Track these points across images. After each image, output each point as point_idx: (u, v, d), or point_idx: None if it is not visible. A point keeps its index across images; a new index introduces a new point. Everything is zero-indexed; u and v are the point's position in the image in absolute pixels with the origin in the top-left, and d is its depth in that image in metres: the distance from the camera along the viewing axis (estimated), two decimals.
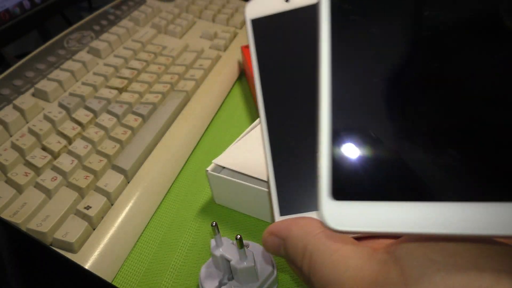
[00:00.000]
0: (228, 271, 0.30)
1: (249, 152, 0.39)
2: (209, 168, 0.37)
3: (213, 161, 0.38)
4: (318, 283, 0.19)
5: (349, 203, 0.16)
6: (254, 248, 0.31)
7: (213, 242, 0.30)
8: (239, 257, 0.29)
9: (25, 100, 0.44)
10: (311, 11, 0.23)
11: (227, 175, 0.37)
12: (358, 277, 0.17)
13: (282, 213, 0.22)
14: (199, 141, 0.48)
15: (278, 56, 0.24)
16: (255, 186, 0.35)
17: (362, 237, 0.20)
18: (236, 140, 0.40)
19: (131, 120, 0.45)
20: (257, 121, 0.43)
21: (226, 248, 0.30)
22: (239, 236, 0.27)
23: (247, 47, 0.57)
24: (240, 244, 0.28)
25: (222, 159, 0.38)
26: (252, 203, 0.37)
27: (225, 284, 0.30)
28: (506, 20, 0.16)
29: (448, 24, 0.17)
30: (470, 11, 0.17)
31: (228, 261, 0.29)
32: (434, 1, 0.17)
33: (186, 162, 0.45)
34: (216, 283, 0.30)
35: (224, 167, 0.38)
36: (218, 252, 0.30)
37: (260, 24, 0.24)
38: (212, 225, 0.29)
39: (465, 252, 0.16)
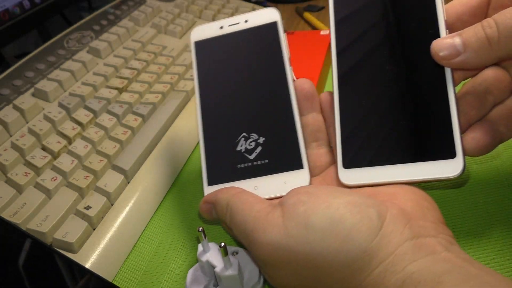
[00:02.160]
0: (214, 277, 0.30)
1: None
2: None
3: None
4: (235, 228, 0.28)
5: (353, 169, 0.29)
6: (243, 256, 0.31)
7: (200, 247, 0.30)
8: (224, 264, 0.28)
9: (25, 100, 0.44)
10: (239, 36, 0.33)
11: None
12: (256, 216, 0.26)
13: (210, 183, 0.31)
14: (199, 141, 0.48)
15: (215, 68, 0.33)
16: None
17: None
18: None
19: (131, 120, 0.45)
20: None
21: (213, 254, 0.29)
22: (223, 244, 0.27)
23: None
24: (225, 252, 0.28)
25: None
26: None
27: None
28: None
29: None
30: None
31: (214, 267, 0.29)
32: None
33: (186, 162, 0.45)
34: None
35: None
36: (205, 257, 0.29)
37: (201, 45, 0.34)
38: (198, 230, 0.29)
39: (322, 195, 0.25)
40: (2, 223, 0.32)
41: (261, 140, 0.31)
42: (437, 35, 0.28)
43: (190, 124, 0.47)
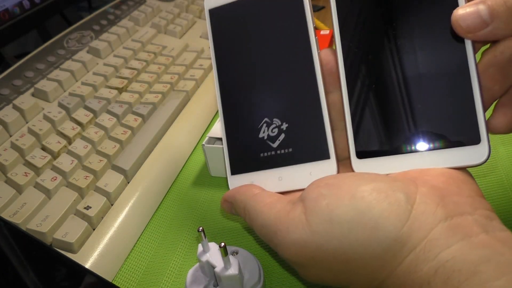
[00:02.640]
0: (214, 277, 0.30)
1: None
2: (204, 142, 0.41)
3: (208, 134, 0.41)
4: (257, 230, 0.27)
5: (368, 159, 0.26)
6: (243, 255, 0.31)
7: (200, 247, 0.30)
8: (223, 264, 0.28)
9: (25, 100, 0.44)
10: (258, 1, 0.29)
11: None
12: (277, 216, 0.25)
13: (233, 172, 0.30)
14: (199, 141, 0.48)
15: (233, 41, 0.30)
16: None
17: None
18: None
19: (131, 120, 0.45)
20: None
21: (213, 254, 0.29)
22: (223, 244, 0.27)
23: None
24: (224, 252, 0.27)
25: (216, 131, 0.42)
26: None
27: None
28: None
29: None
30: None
31: (213, 267, 0.29)
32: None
33: (186, 162, 0.45)
34: None
35: (217, 139, 0.42)
36: (204, 257, 0.29)
37: (217, 13, 0.31)
38: (198, 231, 0.29)
39: (344, 184, 0.24)
40: (2, 223, 0.32)
41: (284, 126, 0.28)
42: (455, 2, 0.24)
43: (190, 124, 0.47)
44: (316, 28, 0.28)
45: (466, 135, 0.24)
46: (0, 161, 0.38)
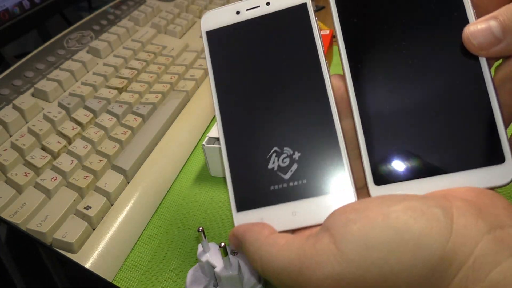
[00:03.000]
0: (214, 277, 0.30)
1: None
2: (204, 142, 0.41)
3: (208, 135, 0.41)
4: (274, 277, 0.23)
5: (387, 186, 0.24)
6: (243, 256, 0.31)
7: (200, 247, 0.30)
8: (223, 264, 0.28)
9: (25, 100, 0.44)
10: (260, 22, 0.27)
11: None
12: (301, 253, 0.22)
13: (239, 209, 0.26)
14: (199, 141, 0.48)
15: (234, 64, 0.27)
16: None
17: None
18: None
19: (131, 120, 0.45)
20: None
21: (213, 254, 0.29)
22: (223, 244, 0.27)
23: None
24: (224, 252, 0.27)
25: (216, 132, 0.41)
26: None
27: None
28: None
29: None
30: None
31: (213, 267, 0.29)
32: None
33: (186, 162, 0.45)
34: None
35: (217, 140, 0.42)
36: (204, 257, 0.29)
37: (215, 35, 0.28)
38: (198, 231, 0.29)
39: (373, 207, 0.21)
40: (2, 223, 0.32)
41: (297, 155, 0.25)
42: (464, 18, 0.23)
43: (190, 124, 0.47)
44: (322, 47, 0.27)
45: (489, 155, 0.23)
46: (0, 161, 0.38)
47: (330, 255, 0.21)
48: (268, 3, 0.27)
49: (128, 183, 0.40)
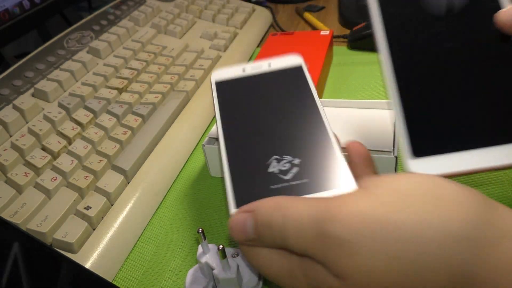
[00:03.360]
0: (213, 279, 0.30)
1: None
2: (205, 142, 0.41)
3: (208, 135, 0.42)
4: (298, 226, 0.20)
5: (427, 158, 0.23)
6: (243, 258, 0.31)
7: (200, 248, 0.30)
8: (222, 267, 0.28)
9: (25, 100, 0.44)
10: (263, 77, 0.32)
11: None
12: (328, 199, 0.21)
13: (238, 205, 0.24)
14: (199, 141, 0.48)
15: (239, 110, 0.30)
16: None
17: None
18: None
19: (131, 120, 0.45)
20: None
21: (212, 256, 0.29)
22: (221, 246, 0.27)
23: (274, 34, 0.62)
24: (223, 255, 0.27)
25: (216, 131, 0.41)
26: None
27: None
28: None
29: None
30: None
31: (212, 269, 0.29)
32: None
33: (186, 162, 0.45)
34: None
35: (217, 140, 0.42)
36: (204, 259, 0.29)
37: (223, 85, 0.32)
38: (198, 232, 0.29)
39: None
40: (2, 223, 0.32)
41: (296, 161, 0.26)
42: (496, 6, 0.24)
43: (190, 124, 0.47)
44: (317, 96, 0.30)
45: None
46: (0, 161, 0.38)
47: (362, 195, 0.20)
48: (269, 65, 0.32)
49: (128, 183, 0.40)
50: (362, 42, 0.60)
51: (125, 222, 0.37)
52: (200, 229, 0.29)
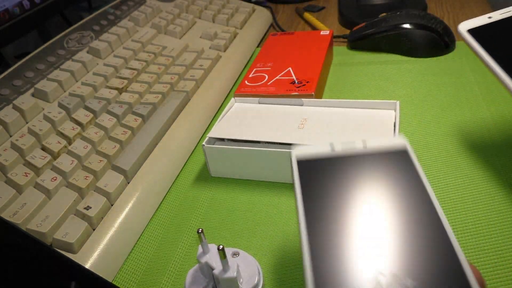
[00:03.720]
0: (213, 279, 0.30)
1: (239, 120, 0.44)
2: (205, 142, 0.41)
3: (208, 135, 0.42)
4: None
5: None
6: (243, 257, 0.31)
7: (200, 248, 0.30)
8: (222, 267, 0.28)
9: (25, 100, 0.44)
10: (354, 160, 0.26)
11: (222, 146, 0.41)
12: None
13: None
14: (199, 141, 0.48)
15: (325, 197, 0.25)
16: (251, 148, 0.39)
17: None
18: (222, 115, 0.45)
19: (131, 120, 0.45)
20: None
21: (212, 256, 0.29)
22: (221, 246, 0.27)
23: (274, 34, 0.63)
24: (223, 255, 0.27)
25: (216, 132, 0.42)
26: (248, 165, 0.41)
27: None
28: None
29: None
30: None
31: (212, 269, 0.29)
32: None
33: (186, 162, 0.45)
34: None
35: (217, 140, 0.43)
36: (204, 259, 0.29)
37: (306, 166, 0.27)
38: (198, 232, 0.29)
39: None
40: (2, 223, 0.32)
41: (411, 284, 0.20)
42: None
43: (190, 124, 0.47)
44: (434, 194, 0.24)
45: None
46: (0, 161, 0.38)
47: None
48: (365, 145, 0.26)
49: (128, 183, 0.40)
50: (362, 42, 0.61)
51: (125, 222, 0.37)
52: (200, 229, 0.29)
